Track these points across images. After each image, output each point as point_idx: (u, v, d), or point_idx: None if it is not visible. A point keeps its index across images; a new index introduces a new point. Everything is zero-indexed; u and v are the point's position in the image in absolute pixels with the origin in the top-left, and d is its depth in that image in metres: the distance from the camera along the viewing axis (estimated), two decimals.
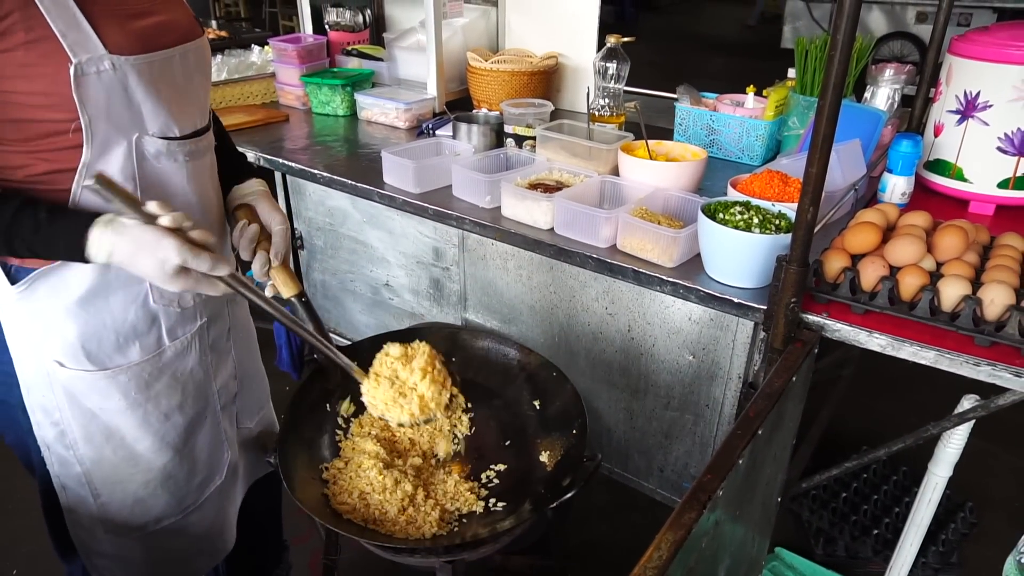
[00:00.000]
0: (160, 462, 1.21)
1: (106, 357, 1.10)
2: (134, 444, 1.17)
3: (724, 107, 2.07)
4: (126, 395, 1.13)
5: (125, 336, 1.10)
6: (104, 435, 1.15)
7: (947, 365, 1.20)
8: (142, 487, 1.21)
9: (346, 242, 2.19)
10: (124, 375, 1.12)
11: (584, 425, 1.37)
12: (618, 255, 1.52)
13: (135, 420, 1.15)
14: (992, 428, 1.84)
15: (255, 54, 2.95)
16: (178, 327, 1.17)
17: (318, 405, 1.41)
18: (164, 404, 1.18)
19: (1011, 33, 1.57)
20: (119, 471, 1.18)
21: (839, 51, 1.03)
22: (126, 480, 1.20)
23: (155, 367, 1.15)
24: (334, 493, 1.25)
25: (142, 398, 1.15)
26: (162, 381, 1.17)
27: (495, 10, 2.68)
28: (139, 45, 0.98)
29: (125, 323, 1.09)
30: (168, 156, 1.06)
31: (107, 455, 1.16)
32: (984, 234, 1.47)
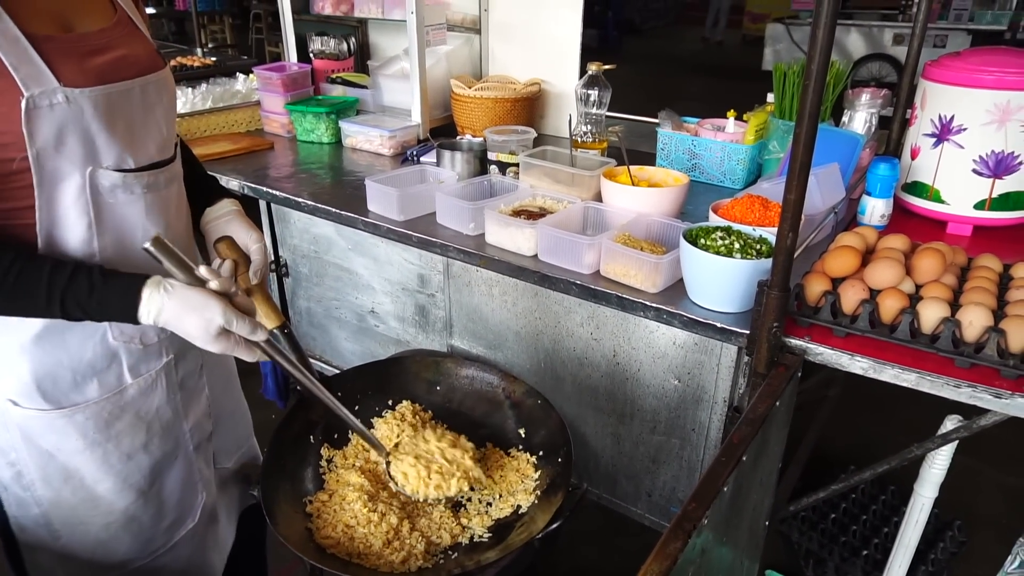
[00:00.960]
0: (122, 504, 1.16)
1: (62, 396, 1.06)
2: (94, 486, 1.13)
3: (705, 132, 2.10)
4: (84, 435, 1.09)
5: (82, 374, 1.07)
6: (62, 476, 1.10)
7: (928, 387, 1.21)
8: (103, 529, 1.16)
9: (331, 269, 2.19)
10: (81, 414, 1.08)
11: (569, 454, 1.37)
12: (602, 281, 1.53)
13: (95, 461, 1.11)
14: (977, 445, 1.85)
15: (240, 82, 2.96)
16: (141, 364, 1.13)
17: (301, 437, 1.40)
18: (126, 444, 1.14)
19: (982, 59, 1.60)
20: (78, 512, 1.13)
21: (813, 81, 1.05)
22: (87, 522, 1.15)
23: (116, 405, 1.11)
24: (318, 527, 1.24)
25: (101, 438, 1.11)
26: (124, 420, 1.13)
27: (478, 37, 2.71)
28: (95, 78, 0.97)
29: (82, 361, 1.06)
30: (124, 189, 1.03)
31: (66, 496, 1.12)
32: (961, 256, 1.49)
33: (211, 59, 3.78)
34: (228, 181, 2.18)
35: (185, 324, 0.97)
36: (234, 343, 1.00)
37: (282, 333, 1.23)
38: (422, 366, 1.61)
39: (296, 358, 1.23)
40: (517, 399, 1.52)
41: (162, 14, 8.61)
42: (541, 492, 1.36)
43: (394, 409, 1.52)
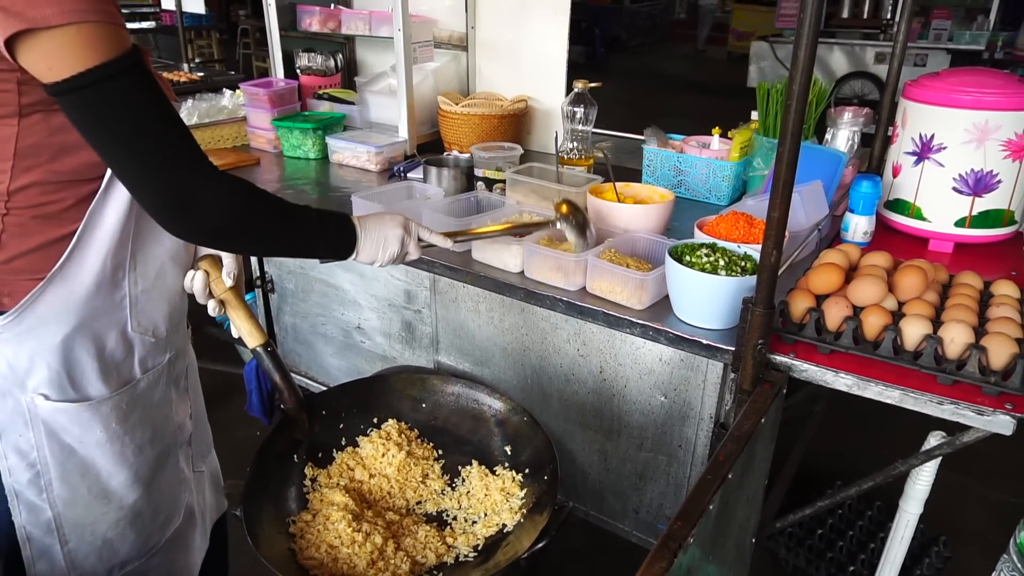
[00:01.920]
0: (132, 498, 1.19)
1: (90, 386, 1.08)
2: (108, 480, 1.15)
3: (691, 149, 2.11)
4: (107, 427, 1.11)
5: (105, 364, 1.09)
6: (80, 472, 1.12)
7: (912, 404, 1.22)
8: (112, 527, 1.18)
9: (317, 285, 2.18)
10: (106, 406, 1.11)
11: (556, 472, 1.37)
12: (588, 298, 1.53)
13: (112, 453, 1.14)
14: (961, 460, 1.87)
15: (226, 98, 2.96)
16: (149, 358, 1.16)
17: (285, 456, 1.38)
18: (139, 436, 1.17)
19: (961, 79, 1.63)
20: (91, 511, 1.16)
21: (795, 101, 1.06)
22: (97, 521, 1.17)
23: (131, 398, 1.14)
24: (301, 547, 1.23)
25: (121, 430, 1.13)
26: (136, 413, 1.16)
27: (465, 54, 2.73)
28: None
29: (106, 350, 1.08)
30: None
31: (82, 494, 1.14)
32: (943, 273, 1.51)
33: (198, 74, 3.78)
34: None
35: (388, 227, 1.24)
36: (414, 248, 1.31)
37: (265, 351, 1.23)
38: (407, 383, 1.61)
39: (279, 377, 1.23)
40: (503, 416, 1.52)
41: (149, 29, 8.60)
42: (527, 510, 1.36)
43: (379, 428, 1.51)
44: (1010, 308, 1.33)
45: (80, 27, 0.83)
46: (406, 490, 1.38)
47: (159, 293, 1.14)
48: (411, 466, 1.41)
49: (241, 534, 1.21)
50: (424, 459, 1.48)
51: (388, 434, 1.47)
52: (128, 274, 1.07)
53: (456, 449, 1.48)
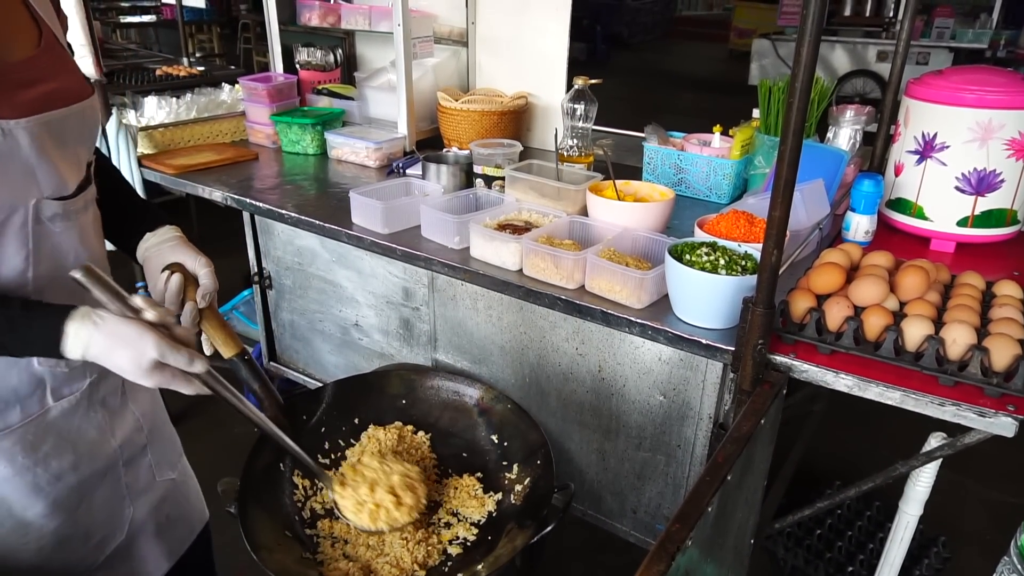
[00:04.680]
0: (52, 526, 1.11)
1: None
2: (23, 512, 1.08)
3: (691, 146, 2.10)
4: (12, 461, 1.04)
5: (5, 400, 1.01)
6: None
7: (913, 405, 1.21)
8: (35, 555, 1.11)
9: (315, 282, 2.17)
10: (7, 440, 1.03)
11: (549, 454, 1.36)
12: (587, 296, 1.52)
13: (24, 486, 1.06)
14: (961, 460, 1.86)
15: (225, 92, 2.95)
16: (64, 386, 1.09)
17: (272, 466, 1.38)
18: (54, 466, 1.09)
19: (964, 77, 1.62)
20: (8, 542, 1.08)
21: (797, 99, 1.05)
22: (17, 550, 1.09)
23: (39, 428, 1.06)
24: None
25: (30, 462, 1.06)
26: (48, 442, 1.08)
27: (465, 50, 2.71)
28: (29, 110, 0.93)
29: (6, 387, 1.01)
30: (63, 216, 1.01)
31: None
32: (945, 273, 1.49)
33: (198, 69, 3.77)
34: (212, 192, 2.16)
35: (116, 358, 0.92)
36: (170, 376, 0.95)
37: (242, 361, 1.19)
38: (386, 381, 1.61)
39: (259, 386, 1.22)
40: (485, 405, 1.51)
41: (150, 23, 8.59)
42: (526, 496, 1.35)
43: (363, 432, 1.51)
44: (1013, 309, 1.32)
45: None
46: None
47: None
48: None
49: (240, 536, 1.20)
50: (416, 451, 1.48)
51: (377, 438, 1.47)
52: None
53: (443, 442, 1.48)
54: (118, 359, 0.92)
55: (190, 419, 2.77)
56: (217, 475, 1.45)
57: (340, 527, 1.33)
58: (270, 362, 2.46)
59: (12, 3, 0.96)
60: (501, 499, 1.39)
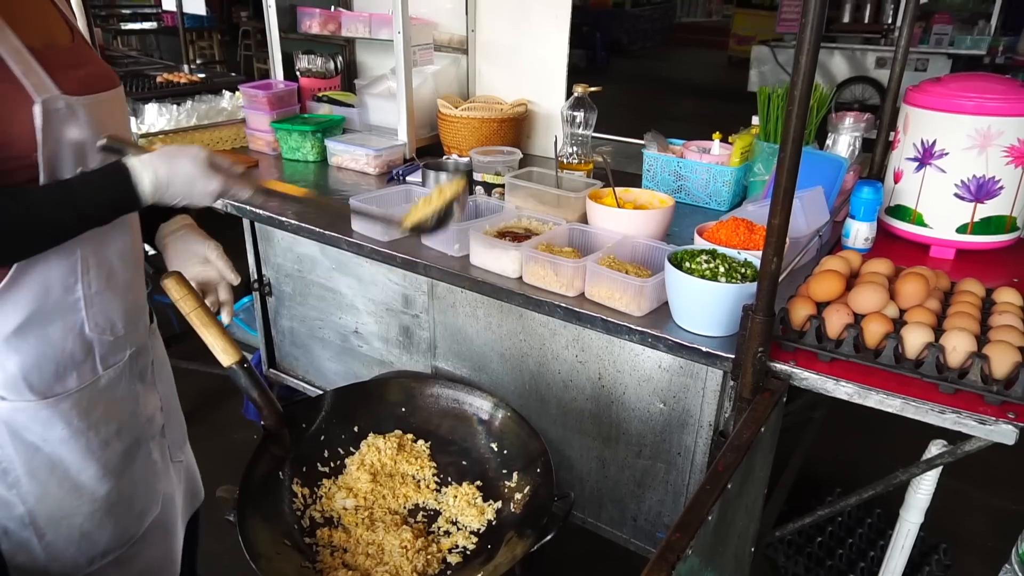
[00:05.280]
0: (103, 490, 1.21)
1: (47, 387, 1.10)
2: (78, 475, 1.17)
3: (691, 154, 2.10)
4: (69, 423, 1.14)
5: (64, 365, 1.11)
6: (48, 468, 1.14)
7: (913, 413, 1.21)
8: (88, 519, 1.20)
9: (315, 289, 2.16)
10: (66, 403, 1.13)
11: (548, 463, 1.36)
12: (586, 304, 1.52)
13: (78, 449, 1.16)
14: (962, 467, 1.85)
15: (225, 99, 2.95)
16: (110, 355, 1.18)
17: (271, 475, 1.38)
18: (104, 431, 1.19)
19: (963, 85, 1.62)
20: (64, 505, 1.17)
21: (796, 106, 1.05)
22: (72, 514, 1.18)
23: (92, 394, 1.16)
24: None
25: (84, 425, 1.16)
26: (100, 408, 1.18)
27: (465, 58, 2.72)
28: (84, 88, 1.05)
29: (63, 352, 1.11)
30: None
31: (52, 490, 1.15)
32: (944, 280, 1.49)
33: (199, 75, 3.77)
34: None
35: (180, 168, 1.05)
36: (225, 177, 1.09)
37: (241, 368, 1.23)
38: (385, 389, 1.61)
39: (258, 394, 1.25)
40: (485, 414, 1.51)
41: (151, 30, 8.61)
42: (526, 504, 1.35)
43: (363, 440, 1.51)
44: (1012, 316, 1.32)
45: None
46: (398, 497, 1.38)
47: (113, 293, 1.15)
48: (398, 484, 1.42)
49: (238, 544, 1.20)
50: (416, 460, 1.48)
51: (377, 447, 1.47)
52: (81, 277, 1.09)
53: (442, 450, 1.47)
54: (182, 167, 1.05)
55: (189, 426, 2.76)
56: (216, 482, 1.45)
57: (339, 536, 1.32)
58: (270, 369, 2.45)
59: (48, 4, 1.10)
60: (501, 508, 1.39)
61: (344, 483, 1.43)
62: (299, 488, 1.39)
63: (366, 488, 1.40)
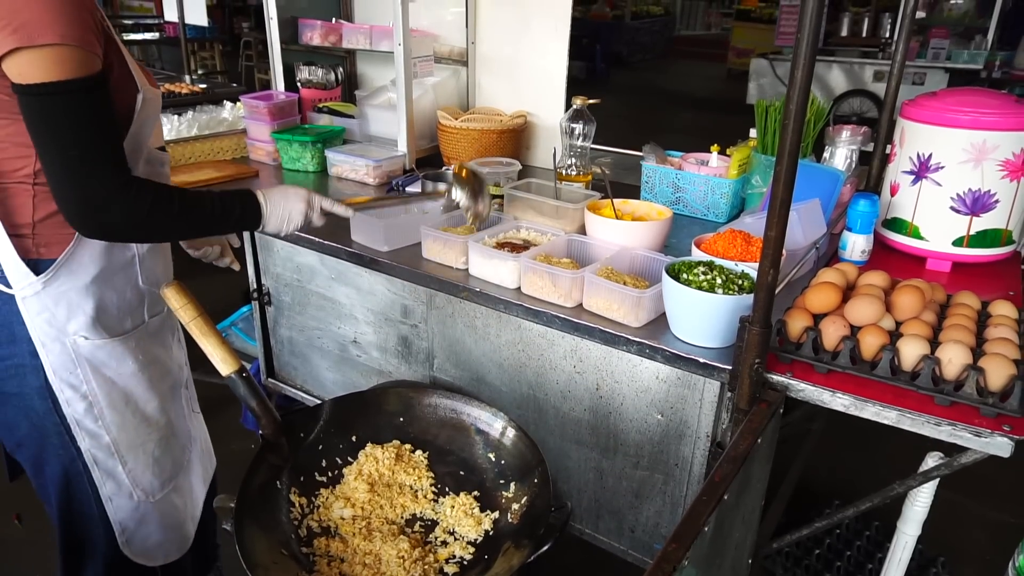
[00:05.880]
0: (163, 420, 1.42)
1: (115, 327, 1.31)
2: (144, 406, 1.38)
3: (689, 166, 2.12)
4: (136, 358, 1.34)
5: (124, 310, 1.32)
6: (123, 399, 1.34)
7: (909, 425, 1.21)
8: (157, 445, 1.41)
9: (314, 299, 2.17)
10: (132, 340, 1.33)
11: (546, 473, 1.36)
12: (585, 315, 1.53)
13: (144, 382, 1.36)
14: (960, 480, 1.85)
15: (226, 110, 2.97)
16: (154, 305, 1.39)
17: (269, 484, 1.38)
18: (154, 371, 1.39)
19: (958, 99, 1.64)
20: (139, 432, 1.37)
21: (792, 120, 1.06)
22: (145, 441, 1.39)
23: (145, 335, 1.37)
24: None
25: (147, 360, 1.37)
26: (153, 348, 1.39)
27: (465, 70, 2.74)
28: (151, 82, 1.28)
29: (124, 299, 1.31)
30: (159, 162, 1.36)
31: (128, 418, 1.35)
32: (940, 292, 1.50)
33: (200, 86, 3.80)
34: None
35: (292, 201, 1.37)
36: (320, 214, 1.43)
37: (240, 378, 1.26)
38: (383, 398, 1.61)
39: (256, 403, 1.28)
40: (483, 423, 1.51)
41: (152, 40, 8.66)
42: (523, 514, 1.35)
43: (361, 449, 1.51)
44: (1008, 329, 1.32)
45: (59, 48, 1.01)
46: (396, 507, 1.38)
47: (156, 254, 1.37)
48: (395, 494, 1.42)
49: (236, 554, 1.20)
50: (413, 470, 1.48)
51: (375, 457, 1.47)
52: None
53: (440, 460, 1.48)
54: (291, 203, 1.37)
55: None
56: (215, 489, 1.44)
57: (336, 545, 1.32)
58: (268, 378, 2.45)
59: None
60: (498, 518, 1.39)
61: (342, 493, 1.43)
62: (297, 497, 1.40)
63: (364, 498, 1.40)
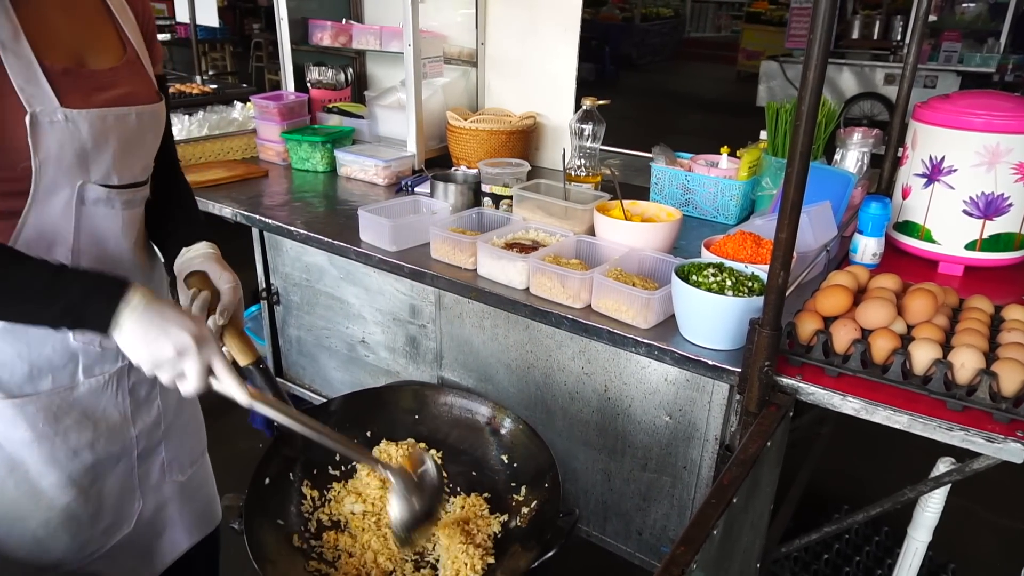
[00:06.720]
0: (63, 500, 1.16)
1: (15, 386, 1.07)
2: (38, 479, 1.13)
3: (699, 167, 2.11)
4: (33, 426, 1.10)
5: (39, 368, 1.09)
6: (7, 467, 1.11)
7: (920, 430, 1.20)
8: (42, 526, 1.16)
9: (322, 298, 2.17)
10: (32, 405, 1.09)
11: (557, 478, 1.35)
12: (593, 316, 1.52)
13: (41, 454, 1.12)
14: (971, 487, 1.84)
15: (237, 110, 2.98)
16: (96, 365, 1.15)
17: (281, 475, 1.38)
18: (73, 440, 1.15)
19: (971, 102, 1.62)
20: (20, 507, 1.13)
21: (804, 121, 1.05)
22: (26, 518, 1.14)
23: (65, 400, 1.13)
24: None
25: (50, 431, 1.12)
26: (72, 416, 1.14)
27: (475, 70, 2.74)
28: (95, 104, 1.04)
29: (41, 356, 1.08)
30: (106, 203, 1.10)
31: (8, 489, 1.12)
32: (953, 296, 1.49)
33: (210, 87, 3.82)
34: (222, 208, 2.18)
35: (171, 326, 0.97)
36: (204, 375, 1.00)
37: (257, 369, 1.21)
38: (399, 395, 1.60)
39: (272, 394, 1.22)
40: (498, 425, 1.51)
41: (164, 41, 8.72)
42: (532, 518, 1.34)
43: (375, 445, 1.50)
44: (1021, 334, 1.31)
45: None
46: None
47: None
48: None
49: (243, 549, 1.20)
50: None
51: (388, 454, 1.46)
52: None
53: (452, 460, 1.47)
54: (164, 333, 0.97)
55: None
56: (221, 490, 1.45)
57: (345, 540, 1.32)
58: (276, 378, 2.46)
59: (105, 23, 1.11)
60: (507, 520, 1.38)
61: (354, 487, 1.42)
62: (309, 490, 1.39)
63: (375, 494, 1.40)
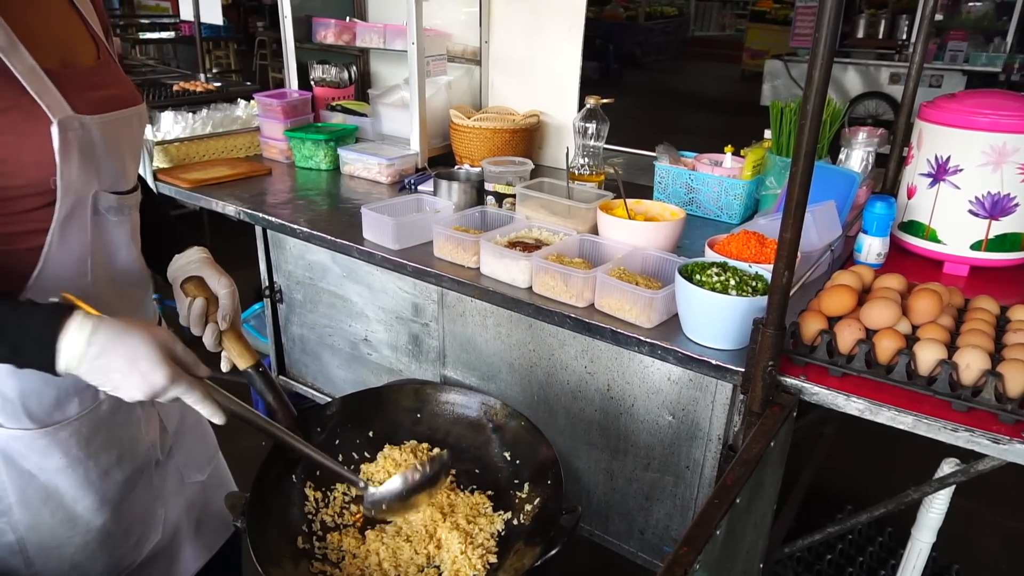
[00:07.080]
0: (99, 521, 1.17)
1: (45, 415, 1.07)
2: (73, 505, 1.14)
3: (703, 166, 2.10)
4: (67, 453, 1.10)
5: (65, 392, 1.08)
6: (42, 497, 1.11)
7: (925, 430, 1.19)
8: (80, 550, 1.16)
9: (325, 296, 2.17)
10: (64, 431, 1.09)
11: (559, 475, 1.35)
12: (596, 315, 1.52)
13: (75, 479, 1.12)
14: (975, 488, 1.83)
15: (240, 108, 2.98)
16: None
17: (284, 476, 1.37)
18: (103, 460, 1.16)
19: (977, 101, 1.61)
20: (56, 535, 1.13)
21: (809, 120, 1.05)
22: (63, 544, 1.14)
23: (93, 422, 1.13)
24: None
25: (83, 455, 1.12)
26: (100, 437, 1.15)
27: (478, 69, 2.73)
28: (98, 108, 1.03)
29: (64, 380, 1.04)
30: (117, 210, 1.10)
31: (44, 519, 1.12)
32: (958, 297, 1.48)
33: (214, 84, 3.82)
34: (225, 206, 2.18)
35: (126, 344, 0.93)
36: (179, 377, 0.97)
37: (256, 372, 1.21)
38: (400, 394, 1.60)
39: (272, 398, 1.23)
40: (500, 423, 1.50)
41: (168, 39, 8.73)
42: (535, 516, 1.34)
43: (378, 447, 1.50)
44: None
45: None
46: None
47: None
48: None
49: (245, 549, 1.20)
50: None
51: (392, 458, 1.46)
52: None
53: (455, 458, 1.47)
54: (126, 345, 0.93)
55: None
56: None
57: (349, 541, 1.32)
58: (279, 376, 2.46)
59: (76, 23, 1.08)
60: (510, 518, 1.38)
61: (355, 488, 1.42)
62: (312, 491, 1.39)
63: None
